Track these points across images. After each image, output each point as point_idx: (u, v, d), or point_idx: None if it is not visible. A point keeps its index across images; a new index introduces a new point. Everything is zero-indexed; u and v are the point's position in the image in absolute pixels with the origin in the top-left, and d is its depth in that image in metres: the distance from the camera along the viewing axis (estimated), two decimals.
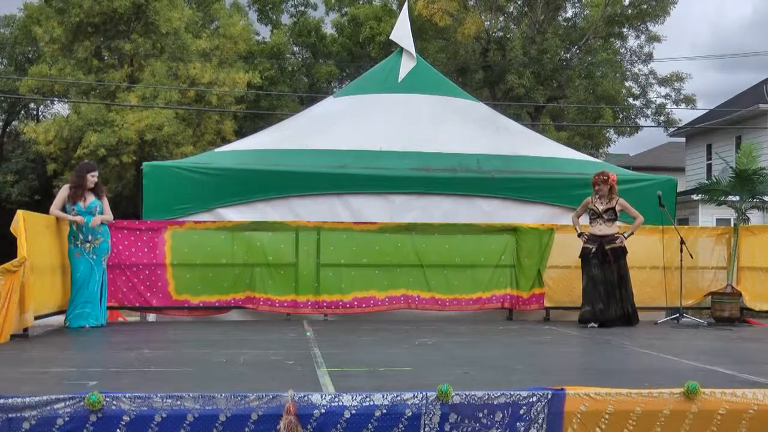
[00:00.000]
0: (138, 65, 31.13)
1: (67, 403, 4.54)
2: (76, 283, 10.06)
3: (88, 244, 10.14)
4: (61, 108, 35.44)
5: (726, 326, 11.41)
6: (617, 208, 10.97)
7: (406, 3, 15.55)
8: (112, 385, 5.42)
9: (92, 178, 10.41)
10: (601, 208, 10.95)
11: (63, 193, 10.30)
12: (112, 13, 29.51)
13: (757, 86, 32.60)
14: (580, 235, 11.03)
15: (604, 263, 10.85)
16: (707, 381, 5.33)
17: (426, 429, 4.68)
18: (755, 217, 19.96)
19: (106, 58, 31.98)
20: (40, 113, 40.06)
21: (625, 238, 10.96)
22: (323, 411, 4.61)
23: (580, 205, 11.26)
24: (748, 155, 12.95)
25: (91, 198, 10.29)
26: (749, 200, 13.01)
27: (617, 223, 11.03)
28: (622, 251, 10.95)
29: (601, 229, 10.92)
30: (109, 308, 11.31)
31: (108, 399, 4.54)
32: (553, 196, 12.34)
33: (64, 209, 10.16)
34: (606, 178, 10.97)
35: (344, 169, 11.98)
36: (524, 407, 4.78)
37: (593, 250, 10.85)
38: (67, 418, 4.53)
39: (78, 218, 10.03)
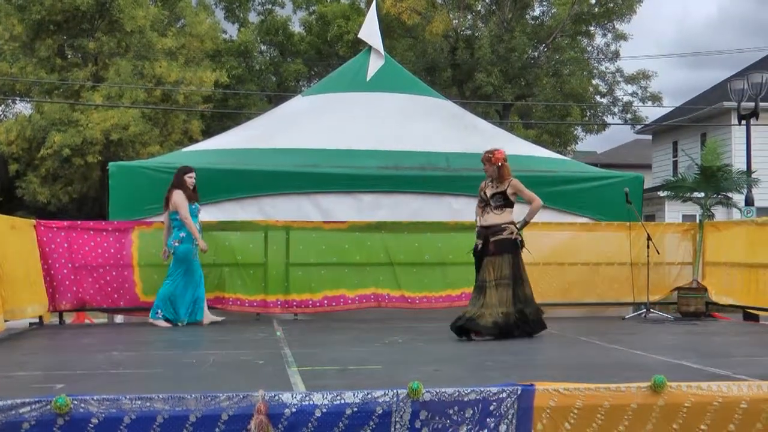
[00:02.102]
0: (102, 64, 30.87)
1: (33, 407, 4.49)
2: (196, 282, 10.43)
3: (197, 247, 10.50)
4: (23, 107, 35.09)
5: (692, 321, 11.53)
6: (509, 191, 9.11)
7: (374, 1, 15.57)
8: (79, 388, 5.38)
9: (190, 179, 10.57)
10: (489, 193, 9.21)
11: (182, 199, 10.41)
12: (74, 10, 29.20)
13: (721, 84, 32.92)
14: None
15: (488, 258, 9.01)
16: (673, 375, 5.37)
17: (397, 426, 4.68)
18: (720, 213, 20.18)
19: (69, 56, 31.67)
20: (1, 113, 39.65)
21: (519, 229, 9.12)
22: (294, 410, 4.60)
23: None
24: (712, 152, 13.15)
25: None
26: (714, 196, 13.16)
27: (506, 211, 9.16)
28: (511, 244, 9.03)
29: (488, 218, 9.13)
30: (75, 310, 11.29)
31: (75, 402, 4.49)
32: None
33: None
34: (490, 155, 9.20)
35: (313, 168, 11.96)
36: (494, 403, 4.80)
37: (479, 246, 9.17)
38: (33, 422, 4.47)
39: (202, 244, 10.42)
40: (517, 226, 9.14)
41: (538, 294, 11.80)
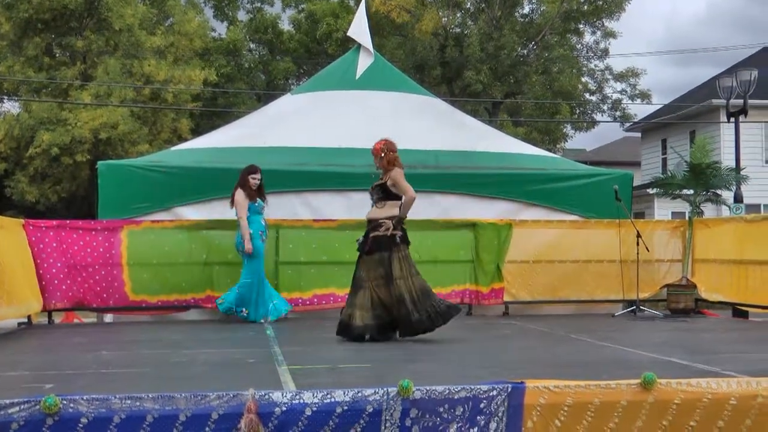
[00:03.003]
0: (91, 63, 30.76)
1: (22, 407, 4.46)
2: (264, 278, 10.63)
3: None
4: (11, 106, 34.97)
5: (681, 318, 11.56)
6: (388, 183, 8.69)
7: None
8: (69, 388, 5.36)
9: (253, 180, 10.61)
10: (373, 186, 8.89)
11: (242, 199, 10.49)
12: (62, 9, 29.10)
13: (710, 81, 33.00)
14: None
15: (365, 256, 8.67)
16: (663, 372, 5.38)
17: (387, 424, 4.68)
18: (709, 210, 20.22)
19: (57, 55, 31.56)
20: None
21: (393, 225, 8.56)
22: (284, 409, 4.59)
23: None
24: (701, 149, 13.12)
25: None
26: (703, 194, 13.18)
27: (387, 204, 8.71)
28: (388, 241, 8.54)
29: (370, 212, 8.84)
30: (65, 309, 11.26)
31: (65, 402, 4.47)
32: (511, 191, 12.40)
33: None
34: (373, 147, 8.89)
35: (302, 167, 11.94)
36: (484, 401, 4.79)
37: (359, 240, 8.82)
38: (22, 423, 4.44)
39: (248, 246, 10.39)
40: (393, 222, 8.62)
41: (528, 292, 11.91)
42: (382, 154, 8.78)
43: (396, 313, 8.43)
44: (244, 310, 10.50)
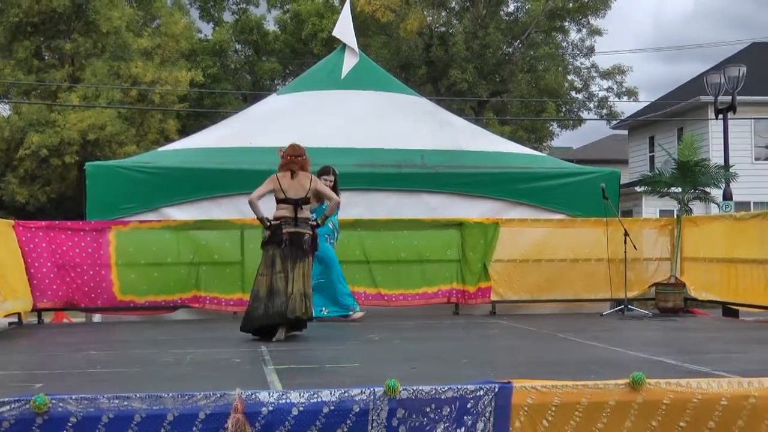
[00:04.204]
0: (79, 65, 30.80)
1: (12, 405, 4.47)
2: (340, 276, 10.60)
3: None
4: (1, 108, 34.95)
5: (670, 317, 11.56)
6: None
7: None
8: (58, 387, 5.35)
9: (325, 181, 10.44)
10: None
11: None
12: (51, 12, 29.19)
13: (697, 78, 33.07)
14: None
15: None
16: (652, 371, 5.39)
17: (374, 424, 4.68)
18: (697, 208, 20.29)
19: (46, 57, 31.61)
20: None
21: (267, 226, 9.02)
22: (271, 409, 4.59)
23: None
24: (689, 147, 13.11)
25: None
26: (691, 191, 13.16)
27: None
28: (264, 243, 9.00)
29: None
30: (54, 309, 11.27)
31: (54, 401, 4.48)
32: (497, 190, 12.40)
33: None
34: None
35: None
36: (471, 401, 4.80)
37: None
38: (12, 422, 4.46)
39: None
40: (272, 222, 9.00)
41: (515, 291, 11.91)
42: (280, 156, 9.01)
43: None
44: (323, 309, 10.51)
